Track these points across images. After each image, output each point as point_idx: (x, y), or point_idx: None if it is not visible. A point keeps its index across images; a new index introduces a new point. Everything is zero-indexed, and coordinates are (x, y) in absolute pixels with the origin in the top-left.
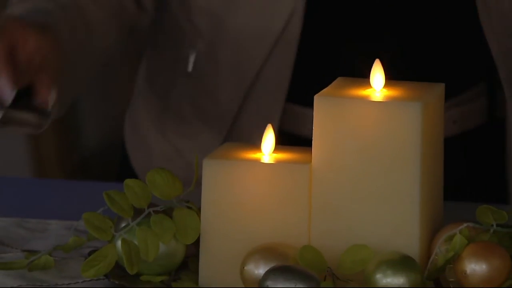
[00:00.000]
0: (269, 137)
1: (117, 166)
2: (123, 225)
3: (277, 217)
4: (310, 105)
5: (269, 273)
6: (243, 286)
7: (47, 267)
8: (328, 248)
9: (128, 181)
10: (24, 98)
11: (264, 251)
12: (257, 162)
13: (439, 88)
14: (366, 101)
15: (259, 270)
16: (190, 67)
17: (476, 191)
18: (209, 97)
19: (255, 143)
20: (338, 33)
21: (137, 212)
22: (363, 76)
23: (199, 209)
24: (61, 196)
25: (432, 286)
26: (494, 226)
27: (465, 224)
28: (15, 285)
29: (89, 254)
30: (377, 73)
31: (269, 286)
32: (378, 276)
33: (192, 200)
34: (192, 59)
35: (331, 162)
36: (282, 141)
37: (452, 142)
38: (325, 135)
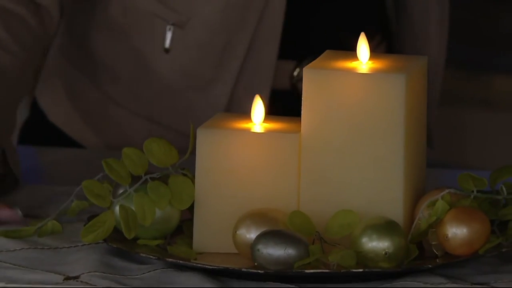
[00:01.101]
0: (258, 107)
1: None
2: (120, 191)
3: (267, 183)
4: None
5: (260, 237)
6: (235, 250)
7: (55, 231)
8: (316, 213)
9: (126, 150)
10: None
11: (255, 216)
12: (248, 131)
13: (422, 60)
14: (352, 73)
15: (251, 234)
16: (167, 43)
17: None
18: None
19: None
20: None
21: (134, 179)
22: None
23: (194, 176)
24: (60, 163)
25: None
26: (475, 192)
27: (447, 190)
28: (18, 248)
29: (88, 219)
30: (363, 47)
31: (260, 250)
32: (364, 239)
33: (187, 168)
34: (169, 35)
35: (319, 131)
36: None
37: None
38: (314, 105)
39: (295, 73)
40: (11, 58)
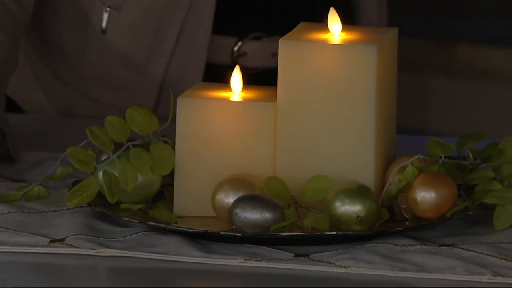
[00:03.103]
0: (236, 77)
1: None
2: (104, 158)
3: (245, 150)
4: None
5: (237, 202)
6: (214, 214)
7: (41, 196)
8: (291, 178)
9: (109, 118)
10: None
11: (233, 182)
12: (227, 100)
13: (393, 32)
14: (326, 45)
15: (229, 199)
16: (103, 24)
17: None
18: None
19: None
20: None
21: (117, 146)
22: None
23: (174, 143)
24: (48, 131)
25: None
26: (442, 158)
27: (416, 156)
28: (5, 212)
29: (73, 184)
30: (334, 20)
31: (238, 213)
32: (337, 203)
33: (167, 135)
34: (105, 16)
35: (294, 100)
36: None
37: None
38: (289, 75)
39: (236, 49)
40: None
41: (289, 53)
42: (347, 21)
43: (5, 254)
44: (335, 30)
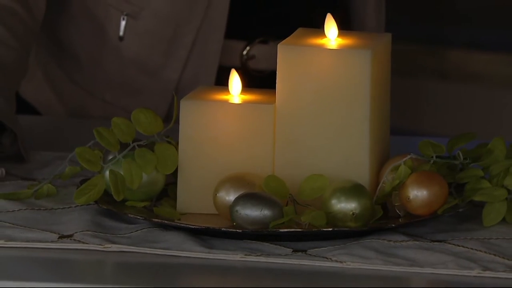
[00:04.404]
0: (235, 80)
1: None
2: (110, 157)
3: (245, 150)
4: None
5: (238, 200)
6: (216, 211)
7: (50, 194)
8: (290, 177)
9: (115, 119)
10: None
11: (234, 180)
12: (228, 102)
13: (387, 37)
14: (323, 49)
15: (230, 196)
16: (121, 32)
17: None
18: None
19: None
20: None
21: (123, 146)
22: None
23: (177, 143)
24: (57, 131)
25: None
26: (434, 157)
27: (409, 156)
28: (16, 209)
29: (81, 183)
30: (331, 25)
31: (238, 211)
32: (333, 201)
33: (171, 136)
34: (123, 24)
35: (292, 102)
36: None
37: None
38: (287, 78)
39: (245, 52)
40: (11, 52)
41: (287, 57)
42: (347, 26)
43: (16, 250)
44: (331, 35)
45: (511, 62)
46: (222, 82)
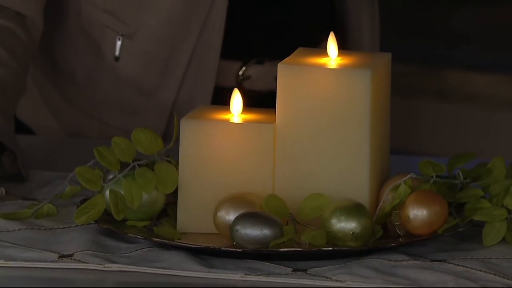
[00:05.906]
0: (236, 100)
1: None
2: (110, 177)
3: (245, 169)
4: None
5: (238, 219)
6: (216, 230)
7: (50, 214)
8: (290, 196)
9: (116, 139)
10: None
11: (234, 200)
12: (228, 122)
13: (386, 57)
14: (323, 69)
15: (230, 216)
16: (117, 52)
17: None
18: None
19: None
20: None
21: (123, 165)
22: None
23: (177, 163)
24: (57, 151)
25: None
26: (434, 177)
27: (408, 175)
28: (16, 229)
29: (81, 202)
30: (332, 45)
31: (239, 230)
32: (333, 221)
33: (171, 155)
34: (118, 44)
35: (292, 122)
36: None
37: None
38: (288, 98)
39: (241, 72)
40: (10, 72)
41: (287, 76)
42: (342, 45)
43: (16, 269)
44: (332, 54)
45: (510, 83)
46: (218, 102)
